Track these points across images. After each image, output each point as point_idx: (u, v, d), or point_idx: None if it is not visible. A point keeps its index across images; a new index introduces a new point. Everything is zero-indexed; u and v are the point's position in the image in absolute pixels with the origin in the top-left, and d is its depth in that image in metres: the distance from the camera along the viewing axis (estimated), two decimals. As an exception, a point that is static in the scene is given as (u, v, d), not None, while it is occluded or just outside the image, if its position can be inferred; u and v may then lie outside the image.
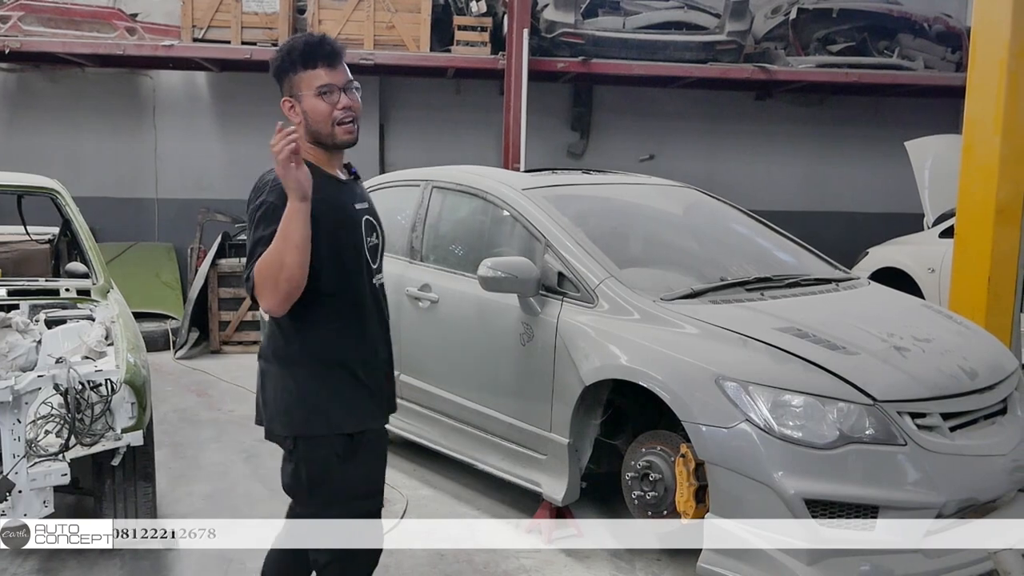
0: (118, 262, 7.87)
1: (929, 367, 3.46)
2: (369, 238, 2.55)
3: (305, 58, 2.43)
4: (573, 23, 8.28)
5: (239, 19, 7.99)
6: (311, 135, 2.45)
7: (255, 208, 2.40)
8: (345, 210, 2.50)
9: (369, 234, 2.55)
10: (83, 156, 8.88)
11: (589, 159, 9.56)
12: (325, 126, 2.44)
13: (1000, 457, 3.38)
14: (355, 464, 2.48)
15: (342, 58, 2.48)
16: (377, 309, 2.58)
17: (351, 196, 2.56)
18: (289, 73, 2.45)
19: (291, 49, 2.46)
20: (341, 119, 2.44)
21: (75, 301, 4.25)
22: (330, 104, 2.43)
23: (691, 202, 5.10)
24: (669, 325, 3.59)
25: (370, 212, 2.60)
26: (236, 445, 5.24)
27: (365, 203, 2.60)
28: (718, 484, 3.21)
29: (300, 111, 2.45)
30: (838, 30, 9.14)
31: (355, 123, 2.47)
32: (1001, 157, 4.69)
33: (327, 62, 2.43)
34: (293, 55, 2.44)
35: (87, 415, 3.15)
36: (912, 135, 7.35)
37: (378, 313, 2.59)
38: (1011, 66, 4.63)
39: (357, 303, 2.50)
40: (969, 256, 4.85)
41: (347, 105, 2.44)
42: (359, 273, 2.51)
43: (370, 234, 2.56)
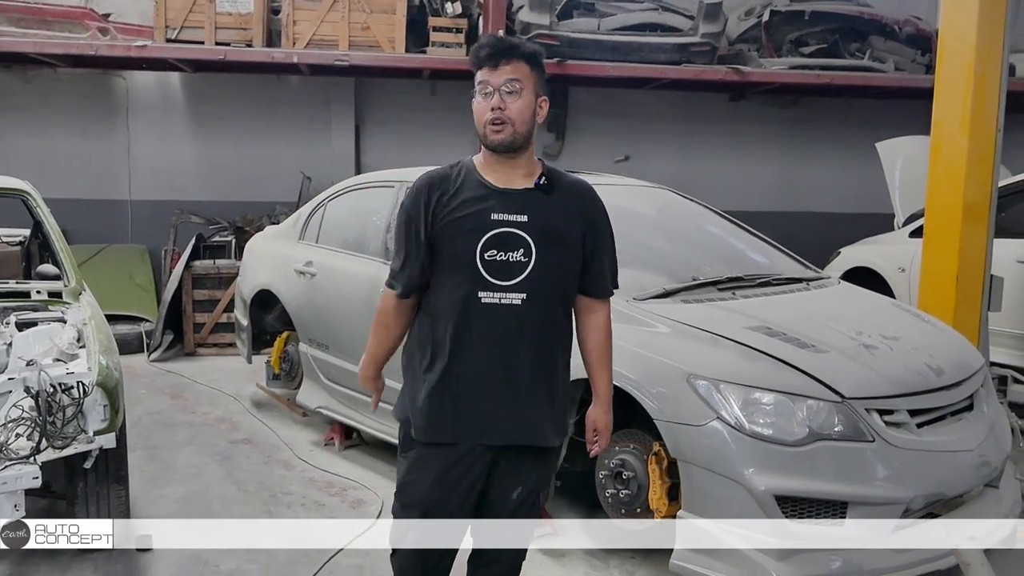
0: (91, 264, 7.80)
1: (897, 365, 3.51)
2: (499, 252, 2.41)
3: (474, 58, 2.46)
4: (548, 24, 8.28)
5: (213, 19, 7.93)
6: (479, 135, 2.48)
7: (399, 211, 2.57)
8: (458, 218, 2.42)
9: (502, 248, 2.41)
10: (55, 157, 8.79)
11: (565, 160, 9.59)
12: (480, 126, 2.45)
13: (967, 453, 3.44)
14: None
15: (504, 58, 2.41)
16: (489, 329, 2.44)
17: (497, 206, 2.43)
18: (476, 71, 2.47)
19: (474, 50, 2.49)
20: (492, 119, 2.41)
21: (46, 303, 4.21)
22: (486, 104, 2.42)
23: (664, 202, 5.14)
24: (641, 324, 3.62)
25: (523, 226, 2.43)
26: (210, 448, 5.22)
27: (522, 215, 2.43)
28: (690, 482, 3.25)
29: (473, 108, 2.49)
30: (810, 32, 9.20)
31: (506, 125, 2.40)
32: (968, 158, 4.75)
33: (487, 62, 2.42)
34: (472, 56, 2.48)
35: (59, 418, 3.14)
36: (883, 136, 7.42)
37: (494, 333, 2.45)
38: (978, 69, 4.70)
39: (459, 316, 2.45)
40: (937, 255, 4.91)
41: (496, 106, 2.41)
42: (463, 285, 2.42)
43: (504, 248, 2.41)
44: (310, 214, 5.69)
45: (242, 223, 8.25)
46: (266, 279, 5.79)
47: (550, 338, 2.51)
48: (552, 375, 2.54)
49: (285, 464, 4.96)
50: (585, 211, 2.56)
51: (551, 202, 2.49)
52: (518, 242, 2.42)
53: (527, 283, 2.43)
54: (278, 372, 5.93)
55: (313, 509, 4.36)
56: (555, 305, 2.51)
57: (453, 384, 2.46)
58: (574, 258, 2.53)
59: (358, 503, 4.40)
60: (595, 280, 2.60)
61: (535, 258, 2.43)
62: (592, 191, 2.62)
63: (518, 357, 2.46)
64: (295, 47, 8.01)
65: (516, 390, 2.47)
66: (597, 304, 2.63)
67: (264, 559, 3.79)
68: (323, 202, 5.63)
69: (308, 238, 5.60)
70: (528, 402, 2.49)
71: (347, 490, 4.54)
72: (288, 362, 5.84)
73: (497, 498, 2.56)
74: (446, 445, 2.48)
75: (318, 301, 5.17)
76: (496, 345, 2.44)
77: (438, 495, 2.51)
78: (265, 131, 9.18)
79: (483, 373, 2.45)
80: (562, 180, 2.55)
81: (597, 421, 2.69)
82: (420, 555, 2.59)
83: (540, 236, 2.44)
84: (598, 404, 2.69)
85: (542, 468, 2.65)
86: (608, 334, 2.66)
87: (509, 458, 2.52)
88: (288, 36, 8.02)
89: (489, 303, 2.42)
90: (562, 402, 2.61)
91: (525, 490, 2.58)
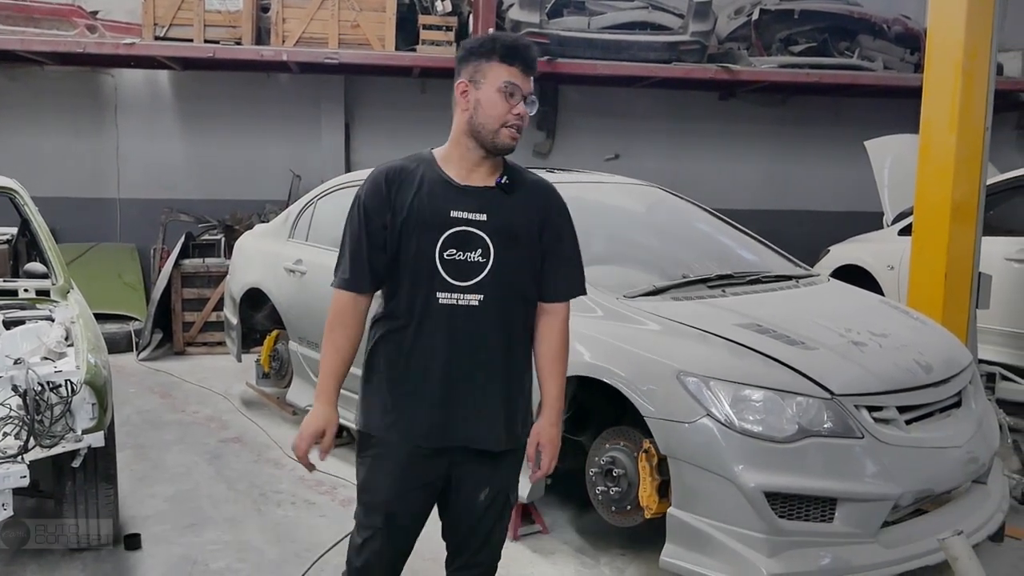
0: (80, 263, 7.76)
1: (886, 362, 3.53)
2: (458, 252, 2.35)
3: (507, 51, 2.35)
4: (538, 23, 8.28)
5: (202, 17, 7.90)
6: (472, 128, 2.37)
7: (355, 203, 2.48)
8: (422, 216, 2.35)
9: (462, 248, 2.35)
10: (43, 155, 8.74)
11: (555, 158, 9.60)
12: (493, 123, 2.35)
13: (955, 449, 3.45)
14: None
15: (536, 71, 2.41)
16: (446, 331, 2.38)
17: (458, 204, 2.37)
18: (481, 60, 2.36)
19: (496, 39, 2.39)
20: (512, 123, 2.36)
21: (34, 302, 4.19)
22: (508, 105, 2.35)
23: (655, 200, 5.15)
24: (631, 322, 3.63)
25: (483, 225, 2.37)
26: (200, 446, 5.21)
27: (482, 214, 2.37)
28: (680, 479, 3.25)
29: (473, 99, 2.36)
30: (799, 31, 9.23)
31: (520, 132, 2.40)
32: (956, 156, 4.77)
33: (524, 66, 2.36)
34: (496, 44, 2.37)
35: (47, 416, 3.12)
36: (872, 134, 7.44)
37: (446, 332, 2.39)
38: (966, 67, 4.71)
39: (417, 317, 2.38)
40: (926, 253, 4.93)
41: (522, 113, 2.38)
42: (420, 285, 2.36)
43: (464, 248, 2.35)
44: (300, 212, 5.68)
45: (231, 221, 8.23)
46: (256, 277, 5.78)
47: (508, 341, 2.44)
48: (510, 378, 2.46)
49: (275, 463, 4.95)
50: (545, 211, 2.49)
51: (512, 202, 2.42)
52: (477, 242, 2.36)
53: (485, 285, 2.36)
54: (268, 371, 5.92)
55: (303, 507, 4.35)
56: (514, 307, 2.43)
57: (410, 387, 2.40)
58: (533, 260, 2.45)
59: (348, 501, 4.39)
60: (550, 281, 2.49)
61: (493, 259, 2.36)
62: (554, 190, 2.55)
63: (475, 360, 2.39)
64: (284, 45, 7.99)
65: (473, 393, 2.41)
66: (553, 307, 2.50)
67: (254, 557, 3.78)
68: (312, 200, 5.62)
69: (298, 236, 5.59)
70: (483, 405, 2.43)
71: (337, 488, 4.53)
72: (278, 360, 5.83)
73: (464, 500, 2.50)
74: (403, 446, 2.42)
75: (308, 299, 5.15)
76: (453, 347, 2.37)
77: (398, 495, 2.44)
78: (254, 129, 9.16)
79: (440, 376, 2.38)
80: (524, 179, 2.49)
81: (541, 435, 2.51)
82: (379, 557, 2.52)
83: (499, 236, 2.37)
84: (545, 415, 2.53)
85: (506, 470, 2.54)
86: (564, 340, 2.52)
87: (470, 460, 2.46)
88: (277, 34, 8.01)
89: (446, 304, 2.35)
90: (524, 405, 2.52)
91: (492, 491, 2.51)
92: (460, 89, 2.39)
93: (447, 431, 2.42)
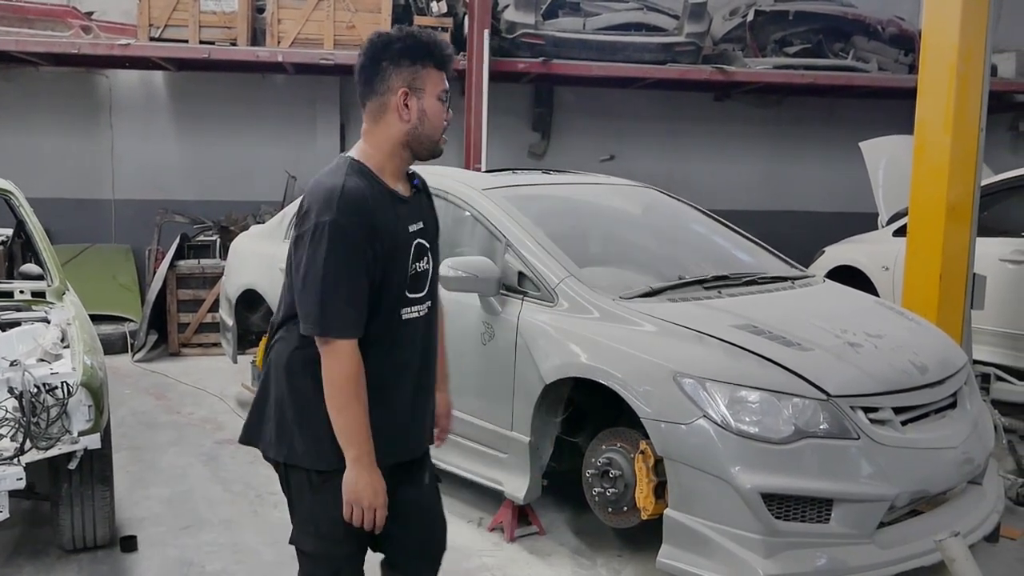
0: (74, 264, 7.75)
1: (881, 363, 3.53)
2: (417, 264, 2.31)
3: (440, 58, 2.27)
4: (534, 24, 8.29)
5: (197, 18, 7.89)
6: (414, 139, 2.28)
7: (316, 225, 2.15)
8: (397, 238, 2.25)
9: (418, 260, 2.31)
10: (38, 156, 8.72)
11: (550, 159, 9.59)
12: (436, 132, 2.30)
13: (950, 450, 3.46)
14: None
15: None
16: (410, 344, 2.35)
17: (407, 217, 2.31)
18: (417, 65, 2.24)
19: (428, 44, 2.26)
20: (445, 129, 2.33)
21: (29, 303, 4.19)
22: (445, 112, 2.31)
23: (650, 202, 5.15)
24: (628, 323, 3.63)
25: (423, 233, 2.34)
26: (195, 448, 5.20)
27: (420, 223, 2.34)
28: (677, 480, 3.26)
29: (417, 109, 2.25)
30: (794, 32, 9.25)
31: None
32: (951, 157, 4.77)
33: (449, 69, 2.31)
34: (432, 49, 2.25)
35: (42, 418, 3.12)
36: (866, 135, 7.46)
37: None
38: (960, 69, 4.73)
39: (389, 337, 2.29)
40: (921, 254, 4.94)
41: (449, 118, 2.35)
42: (394, 305, 2.28)
43: (418, 260, 2.32)
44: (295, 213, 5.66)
45: (227, 222, 8.22)
46: (251, 279, 5.77)
47: (437, 342, 2.49)
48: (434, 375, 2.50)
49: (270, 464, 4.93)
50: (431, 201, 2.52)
51: (426, 203, 2.45)
52: (423, 251, 2.34)
53: (429, 292, 2.37)
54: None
55: (299, 509, 4.34)
56: (437, 305, 2.47)
57: (390, 407, 2.28)
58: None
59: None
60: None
61: (432, 265, 2.37)
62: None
63: (430, 367, 2.42)
64: (280, 46, 7.98)
65: (428, 401, 2.45)
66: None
67: (250, 559, 3.78)
68: (308, 201, 5.60)
69: (294, 237, 5.57)
70: (429, 408, 2.48)
71: (333, 490, 4.52)
72: (273, 362, 5.80)
73: (414, 489, 2.45)
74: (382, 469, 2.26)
75: (304, 301, 5.14)
76: (415, 359, 2.35)
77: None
78: (250, 130, 9.14)
79: (412, 388, 2.35)
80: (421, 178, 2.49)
81: (448, 406, 2.68)
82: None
83: (433, 241, 2.39)
84: (444, 387, 2.64)
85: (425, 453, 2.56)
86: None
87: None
88: (273, 35, 7.99)
89: (408, 318, 2.31)
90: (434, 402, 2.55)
91: (430, 471, 2.54)
92: (401, 99, 2.25)
93: (411, 442, 2.43)
